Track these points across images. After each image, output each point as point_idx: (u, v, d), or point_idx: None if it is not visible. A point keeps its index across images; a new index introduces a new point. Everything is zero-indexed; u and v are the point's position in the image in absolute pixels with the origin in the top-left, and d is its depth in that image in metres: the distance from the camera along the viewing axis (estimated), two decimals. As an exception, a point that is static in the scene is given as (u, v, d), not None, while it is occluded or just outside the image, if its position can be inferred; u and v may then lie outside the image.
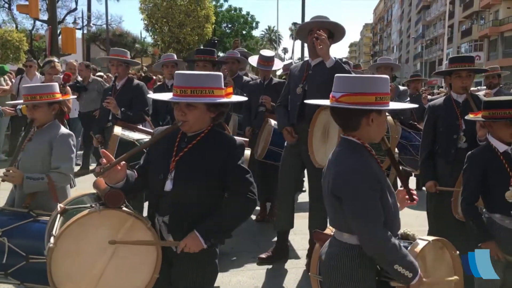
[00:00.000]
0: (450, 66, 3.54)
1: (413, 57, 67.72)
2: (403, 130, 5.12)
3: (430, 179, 3.57)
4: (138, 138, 3.85)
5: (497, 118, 2.64)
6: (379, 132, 1.91)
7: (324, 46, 3.56)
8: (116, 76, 4.42)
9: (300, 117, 3.93)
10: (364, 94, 1.80)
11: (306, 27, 3.95)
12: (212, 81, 2.04)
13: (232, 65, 5.88)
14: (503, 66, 39.32)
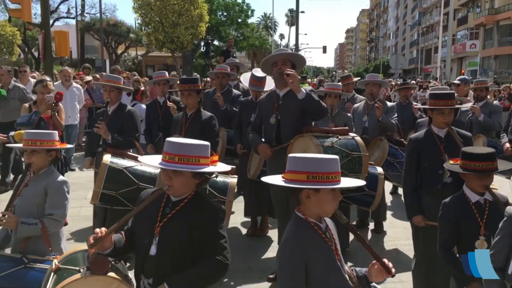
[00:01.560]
0: (431, 103, 3.59)
1: (409, 44, 67.54)
2: (390, 147, 5.24)
3: (417, 214, 3.63)
4: (127, 166, 3.97)
5: (469, 169, 2.75)
6: (321, 208, 1.98)
7: (294, 81, 3.75)
8: (108, 101, 4.52)
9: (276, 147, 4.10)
10: (296, 172, 1.91)
11: (270, 60, 4.13)
12: (199, 150, 2.16)
13: (222, 79, 5.97)
14: (498, 55, 39.53)
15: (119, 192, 3.84)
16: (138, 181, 3.87)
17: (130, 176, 3.88)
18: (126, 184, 3.85)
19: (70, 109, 8.20)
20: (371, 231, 5.71)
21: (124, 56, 39.65)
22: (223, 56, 12.88)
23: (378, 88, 5.66)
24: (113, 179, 3.85)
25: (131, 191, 3.81)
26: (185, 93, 4.20)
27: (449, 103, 3.53)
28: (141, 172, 4.00)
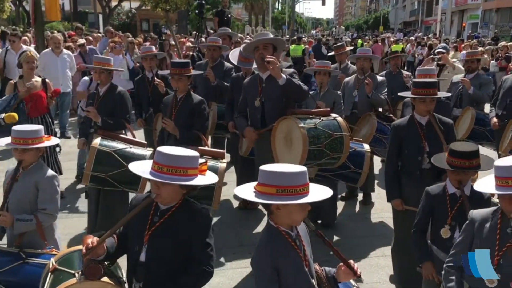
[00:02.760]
0: (414, 91, 3.64)
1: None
2: (378, 123, 5.32)
3: (396, 198, 3.77)
4: (116, 148, 4.07)
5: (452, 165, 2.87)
6: (291, 218, 2.10)
7: (274, 67, 3.85)
8: (98, 83, 4.55)
9: (262, 129, 4.23)
10: (266, 185, 2.00)
11: (251, 45, 4.22)
12: (188, 161, 2.23)
13: (213, 52, 5.94)
14: (500, 8, 38.70)
15: (109, 174, 3.97)
16: (127, 163, 3.96)
17: (119, 159, 3.99)
18: (116, 166, 3.98)
19: (62, 77, 8.17)
20: (359, 203, 5.89)
21: (118, 9, 38.65)
22: (218, 16, 12.64)
23: (369, 62, 5.65)
24: (102, 162, 3.98)
25: (120, 173, 3.94)
26: (175, 77, 4.21)
27: (430, 91, 3.59)
28: (131, 154, 4.11)
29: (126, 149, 4.12)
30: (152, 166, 2.24)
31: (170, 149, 2.27)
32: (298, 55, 13.07)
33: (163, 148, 2.27)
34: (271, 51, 4.11)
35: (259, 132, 4.22)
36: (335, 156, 4.05)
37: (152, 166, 2.24)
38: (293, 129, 3.96)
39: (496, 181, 2.20)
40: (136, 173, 2.25)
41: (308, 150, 3.84)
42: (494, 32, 32.44)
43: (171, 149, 2.27)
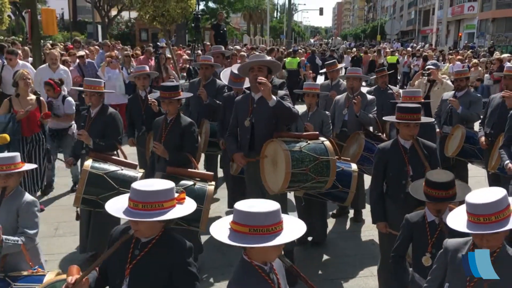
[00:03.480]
0: (398, 116, 3.69)
1: (408, 5, 66.29)
2: (366, 142, 5.37)
3: (380, 220, 3.84)
4: (108, 171, 4.13)
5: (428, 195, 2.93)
6: (265, 255, 2.10)
7: (266, 89, 3.88)
8: (90, 105, 4.62)
9: (250, 149, 4.30)
10: (240, 224, 2.02)
11: (247, 65, 4.26)
12: (163, 195, 2.27)
13: (206, 70, 6.04)
14: (496, 18, 38.96)
15: (100, 196, 4.02)
16: (118, 186, 4.04)
17: (110, 181, 4.05)
18: (107, 189, 4.03)
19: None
20: (350, 220, 5.95)
21: (117, 19, 38.90)
22: (214, 30, 12.76)
23: (359, 81, 5.73)
24: (94, 184, 4.03)
25: (112, 195, 3.97)
26: (166, 101, 4.27)
27: (414, 116, 3.65)
28: (122, 176, 4.17)
29: (118, 171, 4.18)
30: (128, 203, 2.27)
31: (144, 184, 2.29)
32: (293, 68, 13.17)
33: (137, 184, 2.30)
34: (266, 73, 4.17)
35: (248, 160, 4.27)
36: (321, 180, 4.07)
37: (128, 203, 2.28)
38: (278, 151, 4.01)
39: (468, 216, 2.22)
40: (111, 213, 2.27)
41: (292, 173, 3.87)
42: (491, 42, 32.63)
43: (146, 184, 2.30)
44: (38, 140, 5.67)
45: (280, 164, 3.98)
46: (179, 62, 13.44)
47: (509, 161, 4.55)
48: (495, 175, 5.32)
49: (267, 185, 4.17)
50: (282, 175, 3.90)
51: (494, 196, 2.16)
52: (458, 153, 5.85)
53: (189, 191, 3.82)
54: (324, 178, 4.07)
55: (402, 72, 20.09)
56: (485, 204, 2.14)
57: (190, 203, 2.43)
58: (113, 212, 2.29)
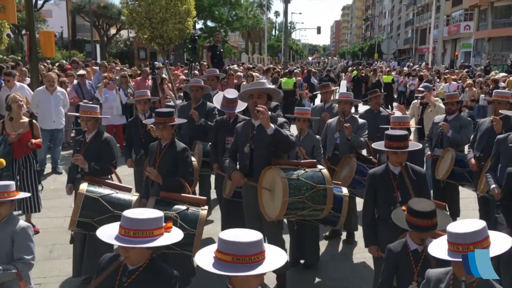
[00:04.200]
0: (386, 143, 3.77)
1: (405, 24, 67.13)
2: (358, 165, 5.45)
3: (372, 244, 3.93)
4: (103, 194, 4.22)
5: (408, 222, 3.01)
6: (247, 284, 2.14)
7: (264, 117, 3.95)
8: (85, 130, 4.72)
9: (249, 174, 4.37)
10: (223, 253, 2.07)
11: (247, 92, 4.37)
12: (153, 223, 2.36)
13: (196, 93, 6.17)
14: (492, 37, 39.44)
15: (95, 219, 4.09)
16: (113, 209, 4.12)
17: (105, 204, 4.14)
18: (102, 212, 4.12)
19: (55, 114, 8.39)
20: (342, 242, 5.99)
21: (116, 38, 39.33)
22: (210, 51, 12.95)
23: (350, 105, 5.84)
24: (89, 208, 4.11)
25: (107, 218, 4.05)
26: (160, 126, 4.36)
27: (401, 144, 3.74)
28: (117, 199, 4.25)
29: (112, 195, 4.26)
30: (119, 230, 2.36)
31: (135, 213, 2.39)
32: (289, 88, 13.33)
33: (128, 212, 2.39)
34: (265, 99, 4.27)
35: (246, 182, 4.34)
36: (317, 208, 4.14)
37: (119, 230, 2.36)
38: (275, 179, 4.08)
39: (448, 245, 2.30)
40: (103, 239, 2.36)
41: (289, 201, 3.94)
42: (486, 62, 33.03)
43: (137, 213, 2.39)
44: (29, 161, 5.77)
45: (277, 191, 4.04)
46: (176, 82, 13.60)
47: (495, 185, 4.63)
48: (485, 198, 5.40)
49: (264, 211, 4.24)
50: (279, 203, 3.97)
51: (473, 227, 2.25)
52: (449, 176, 5.94)
53: (182, 215, 3.91)
54: (321, 206, 4.15)
55: (398, 91, 20.29)
56: (465, 234, 2.22)
57: (176, 232, 2.51)
58: (104, 238, 2.37)
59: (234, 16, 45.33)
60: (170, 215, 3.82)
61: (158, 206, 3.91)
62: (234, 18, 45.79)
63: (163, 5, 11.74)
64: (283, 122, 4.37)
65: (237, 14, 46.35)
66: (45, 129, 8.36)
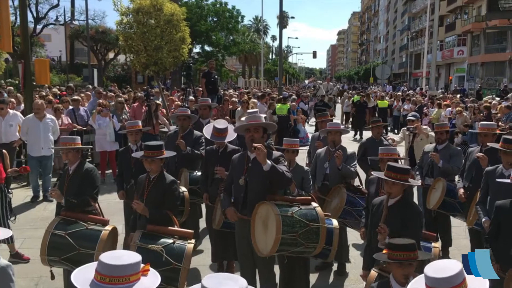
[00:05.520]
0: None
1: (399, 49, 68.04)
2: (348, 195, 5.44)
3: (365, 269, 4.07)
4: (72, 231, 4.14)
5: (392, 259, 3.00)
6: None
7: (261, 154, 3.95)
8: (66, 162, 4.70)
9: (243, 207, 4.35)
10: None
11: (243, 127, 4.40)
12: (130, 269, 2.32)
13: (183, 122, 6.22)
14: (485, 62, 39.96)
15: (62, 257, 4.08)
16: (79, 247, 4.07)
17: (72, 242, 4.08)
18: (68, 250, 4.08)
19: (43, 141, 8.36)
20: (333, 273, 5.92)
21: (114, 62, 39.69)
22: (205, 78, 13.06)
23: (339, 135, 5.85)
24: (55, 246, 4.11)
25: (73, 256, 4.06)
26: (148, 159, 4.34)
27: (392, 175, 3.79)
28: (86, 235, 4.17)
29: (83, 230, 4.18)
30: (95, 275, 2.32)
31: (112, 257, 2.35)
32: (283, 114, 13.41)
33: (104, 257, 2.35)
34: (262, 133, 4.31)
35: (240, 216, 4.33)
36: (310, 246, 4.12)
37: (95, 275, 2.33)
38: (269, 215, 4.05)
39: None
40: (77, 285, 2.31)
41: (282, 238, 3.92)
42: (479, 86, 33.46)
43: (113, 257, 2.35)
44: (2, 191, 5.70)
45: (271, 227, 4.02)
46: (171, 107, 13.65)
47: (485, 218, 4.62)
48: (476, 230, 5.37)
49: (256, 246, 4.20)
50: (272, 240, 3.95)
51: (450, 271, 2.24)
52: (440, 206, 5.93)
53: (168, 249, 3.88)
54: (314, 244, 4.13)
55: (393, 116, 20.41)
56: (442, 279, 2.22)
57: (154, 275, 2.47)
58: (79, 285, 2.32)
59: (231, 41, 45.88)
60: (156, 249, 3.78)
61: (144, 239, 3.89)
62: (231, 43, 46.37)
63: (158, 33, 11.86)
64: (278, 156, 4.34)
65: (234, 39, 46.97)
66: (33, 156, 8.39)
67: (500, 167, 4.75)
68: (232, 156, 4.73)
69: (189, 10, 32.40)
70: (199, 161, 6.20)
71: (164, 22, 11.80)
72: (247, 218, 4.27)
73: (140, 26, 11.85)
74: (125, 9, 12.14)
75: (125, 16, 12.10)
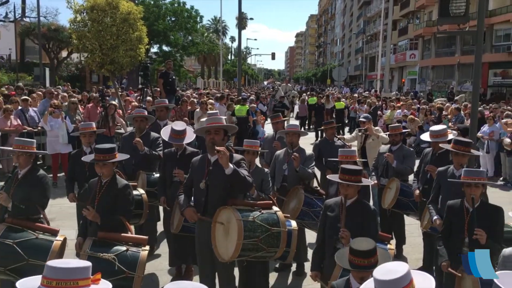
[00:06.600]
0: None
1: (355, 51, 69.75)
2: (306, 196, 5.48)
3: (315, 270, 4.10)
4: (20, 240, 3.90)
5: (353, 264, 3.05)
6: None
7: (223, 158, 3.89)
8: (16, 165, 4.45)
9: (204, 212, 4.27)
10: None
11: (203, 129, 4.33)
12: (78, 273, 2.21)
13: (140, 123, 6.09)
14: (435, 65, 41.60)
15: (8, 268, 3.82)
16: (28, 257, 3.83)
17: (20, 252, 3.83)
18: (16, 260, 3.83)
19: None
20: (292, 274, 5.96)
21: (67, 61, 38.34)
22: (162, 78, 12.84)
23: (298, 137, 5.89)
24: (2, 255, 3.83)
25: (21, 267, 3.80)
26: (100, 163, 4.17)
27: (346, 177, 3.90)
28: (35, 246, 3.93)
29: (32, 239, 3.96)
30: (41, 281, 2.20)
31: (59, 262, 2.26)
32: (242, 115, 13.38)
33: (52, 262, 2.25)
34: (222, 135, 4.24)
35: (200, 217, 4.25)
36: (271, 251, 4.10)
37: (41, 281, 2.21)
38: (231, 220, 3.99)
39: None
40: None
41: (243, 244, 3.88)
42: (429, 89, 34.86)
43: (61, 262, 2.26)
44: None
45: (232, 233, 3.96)
46: (128, 108, 13.34)
47: (436, 217, 4.77)
48: (429, 233, 5.53)
49: (217, 251, 4.12)
50: (233, 245, 3.89)
51: (397, 273, 2.29)
52: (394, 206, 6.10)
53: (121, 257, 3.73)
54: (274, 249, 4.11)
55: (349, 117, 20.87)
56: (389, 281, 2.27)
57: (105, 285, 2.37)
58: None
59: (190, 41, 45.46)
60: (108, 257, 3.64)
61: (95, 247, 3.72)
62: (190, 43, 45.96)
63: (114, 31, 11.55)
64: (239, 159, 4.28)
65: (193, 39, 46.59)
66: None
67: (451, 167, 4.92)
68: (191, 159, 4.65)
69: (147, 9, 31.98)
70: (157, 163, 6.08)
71: (120, 21, 11.51)
72: (208, 219, 4.18)
73: (94, 24, 11.51)
74: (79, 7, 11.77)
75: (79, 13, 11.73)
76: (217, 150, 3.89)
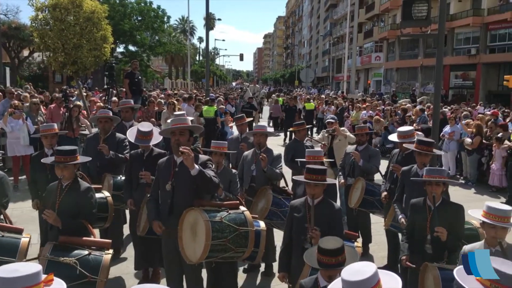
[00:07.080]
0: (306, 176, 3.95)
1: (322, 53, 70.65)
2: (274, 197, 5.49)
3: (282, 271, 4.12)
4: None
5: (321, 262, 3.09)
6: None
7: (188, 159, 3.84)
8: None
9: (170, 213, 4.21)
10: None
11: (168, 130, 4.27)
12: (26, 281, 2.14)
13: (105, 124, 5.97)
14: (399, 67, 42.65)
15: None
16: None
17: None
18: None
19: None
20: (261, 274, 5.96)
21: (29, 60, 37.15)
22: (128, 78, 12.63)
23: (265, 137, 5.90)
24: None
25: None
26: (60, 165, 4.04)
27: (319, 178, 3.95)
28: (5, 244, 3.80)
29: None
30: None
31: (7, 270, 2.17)
32: (210, 116, 13.31)
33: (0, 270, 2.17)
34: (188, 136, 4.18)
35: (166, 230, 4.21)
36: (239, 251, 4.08)
37: None
38: (198, 221, 3.95)
39: None
40: None
41: (211, 244, 3.85)
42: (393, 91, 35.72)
43: (9, 269, 2.18)
44: None
45: (200, 234, 3.92)
46: (92, 109, 13.05)
47: (402, 215, 4.88)
48: (392, 231, 5.66)
49: (184, 253, 4.08)
50: (201, 246, 3.85)
51: (364, 274, 2.33)
52: (360, 205, 6.20)
53: (82, 261, 3.64)
54: (243, 249, 4.10)
55: (317, 118, 21.11)
56: (356, 282, 2.31)
57: (59, 284, 2.31)
58: None
59: (156, 41, 44.86)
60: (69, 261, 3.54)
61: (56, 252, 3.61)
62: (157, 43, 45.36)
63: (77, 30, 11.31)
64: (206, 160, 4.23)
65: (160, 39, 46.00)
66: None
67: (415, 167, 5.04)
68: (157, 160, 4.58)
69: (112, 8, 31.33)
70: (123, 165, 5.95)
71: (83, 20, 11.28)
72: (174, 230, 4.13)
73: (57, 23, 11.24)
74: (40, 4, 11.44)
75: (40, 11, 11.41)
76: (181, 151, 3.84)
